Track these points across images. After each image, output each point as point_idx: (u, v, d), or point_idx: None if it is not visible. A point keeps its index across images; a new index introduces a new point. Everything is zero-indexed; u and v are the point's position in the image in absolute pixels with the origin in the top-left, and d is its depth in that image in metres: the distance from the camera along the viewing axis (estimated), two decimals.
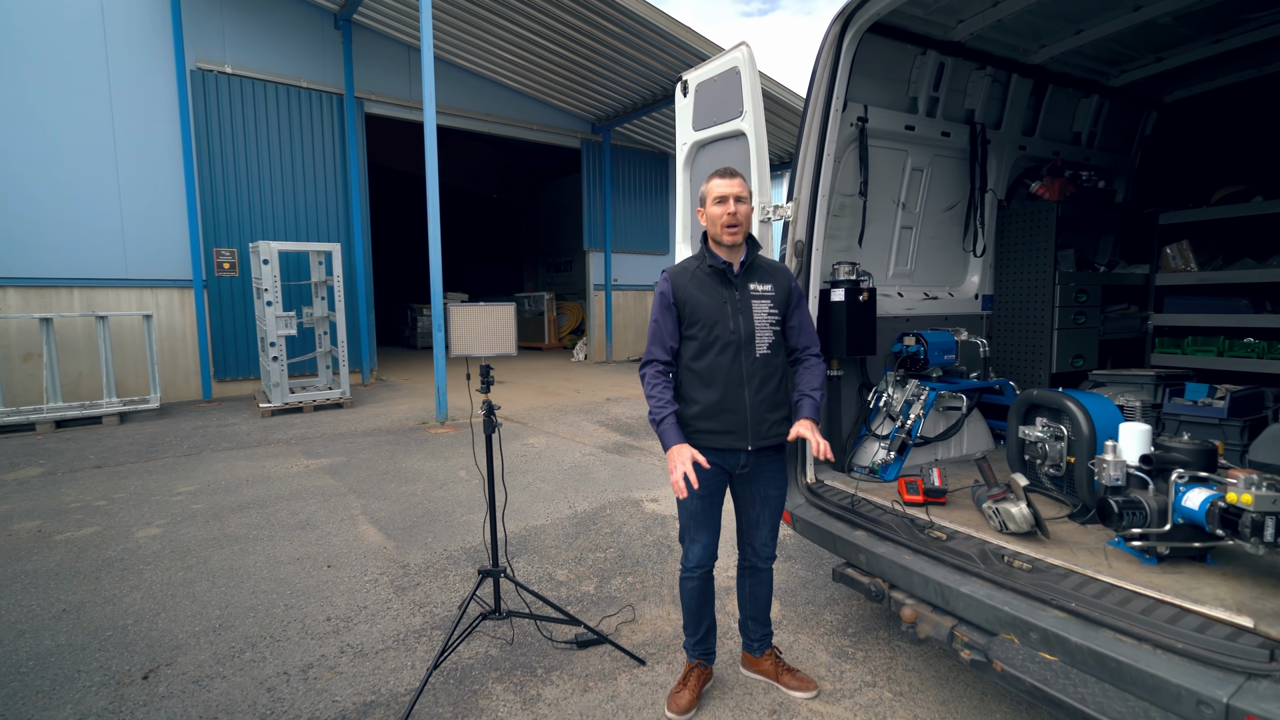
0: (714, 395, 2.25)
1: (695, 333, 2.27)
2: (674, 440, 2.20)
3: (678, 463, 2.18)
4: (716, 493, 2.37)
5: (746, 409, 2.28)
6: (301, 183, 10.04)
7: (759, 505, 2.45)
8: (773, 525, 2.49)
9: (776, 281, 2.38)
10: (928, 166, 3.53)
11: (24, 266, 8.16)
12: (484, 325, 2.54)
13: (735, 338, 2.26)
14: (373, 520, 4.56)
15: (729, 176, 2.28)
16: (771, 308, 2.34)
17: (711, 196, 2.27)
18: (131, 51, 8.68)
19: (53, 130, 8.22)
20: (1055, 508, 2.59)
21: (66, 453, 6.51)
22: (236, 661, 2.80)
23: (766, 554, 2.51)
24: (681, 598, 2.45)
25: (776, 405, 2.35)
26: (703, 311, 2.26)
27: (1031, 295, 3.68)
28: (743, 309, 2.29)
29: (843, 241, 3.35)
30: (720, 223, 2.26)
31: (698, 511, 2.36)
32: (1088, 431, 2.41)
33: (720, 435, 2.28)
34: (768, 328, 2.32)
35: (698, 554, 2.39)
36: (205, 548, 4.06)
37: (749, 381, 2.29)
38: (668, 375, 2.29)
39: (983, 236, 3.72)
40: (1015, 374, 3.79)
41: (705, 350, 2.26)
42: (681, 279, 2.30)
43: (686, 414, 2.28)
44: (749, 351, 2.28)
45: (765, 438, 2.33)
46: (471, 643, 2.91)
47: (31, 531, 4.40)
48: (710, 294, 2.27)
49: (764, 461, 2.39)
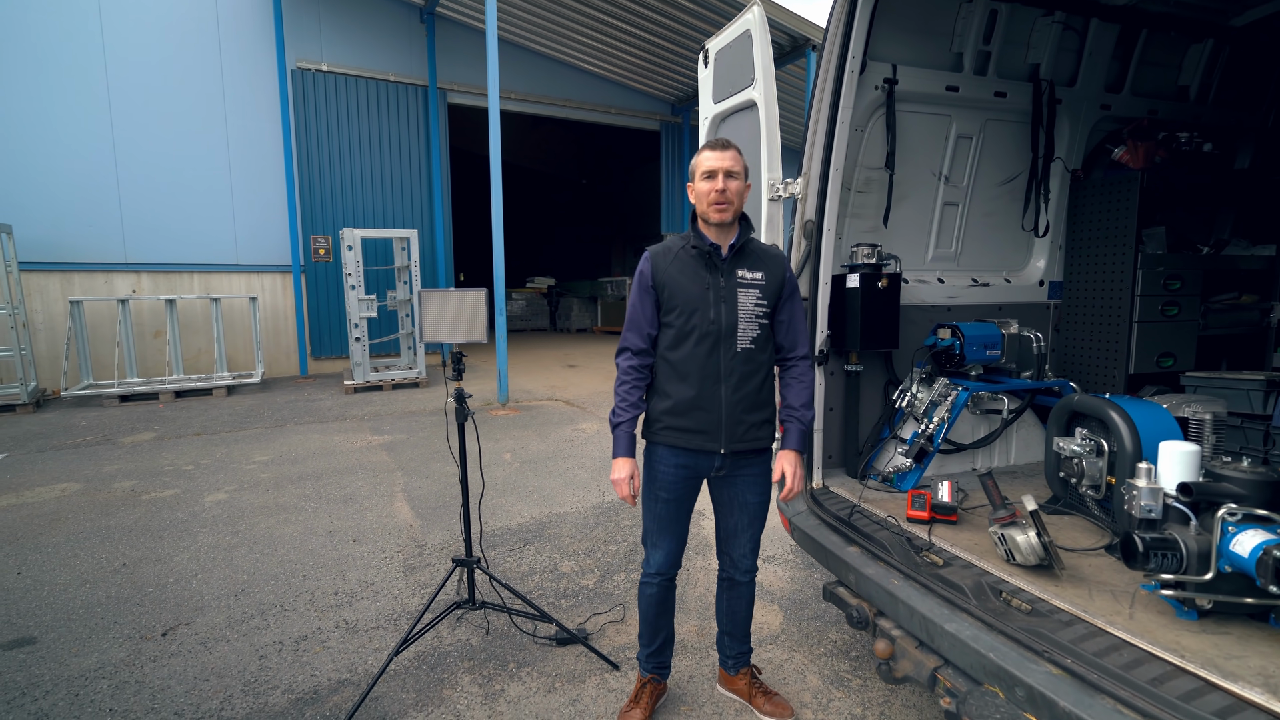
0: (687, 390, 2.06)
1: (672, 320, 2.06)
2: (620, 452, 2.07)
3: (620, 479, 2.07)
4: (684, 498, 2.18)
5: (722, 407, 2.07)
6: (389, 172, 10.58)
7: (737, 512, 2.23)
8: (753, 535, 2.27)
9: (768, 269, 2.13)
10: (978, 133, 3.07)
11: (155, 254, 9.19)
12: (455, 311, 2.49)
13: (715, 328, 2.05)
14: (409, 498, 4.72)
15: (719, 149, 2.05)
16: (760, 298, 2.10)
17: (700, 171, 2.05)
18: (241, 55, 9.47)
19: (177, 131, 9.15)
20: (1093, 534, 2.18)
21: (178, 420, 7.29)
22: (244, 627, 2.97)
23: (745, 566, 2.29)
24: (639, 605, 2.29)
25: (757, 406, 2.12)
26: (681, 297, 2.04)
27: (1107, 282, 3.13)
28: (726, 297, 2.06)
29: (869, 221, 2.99)
30: (708, 200, 2.03)
31: (662, 516, 2.18)
32: (1131, 447, 1.99)
33: (691, 434, 2.08)
34: (753, 320, 2.09)
35: (659, 560, 2.22)
36: (256, 515, 4.37)
37: (727, 378, 2.07)
38: (642, 369, 2.10)
39: (1045, 213, 3.19)
40: (1084, 374, 3.25)
41: (681, 340, 2.06)
42: (663, 259, 2.09)
43: (657, 408, 2.11)
44: (729, 345, 2.07)
45: (741, 441, 2.11)
46: (456, 629, 2.91)
47: (126, 491, 4.93)
48: (692, 278, 2.06)
49: (743, 465, 2.17)
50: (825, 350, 2.83)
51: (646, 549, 2.25)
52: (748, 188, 2.13)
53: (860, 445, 2.93)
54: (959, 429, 2.97)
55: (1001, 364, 2.93)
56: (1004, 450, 3.05)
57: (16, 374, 7.59)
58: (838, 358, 2.94)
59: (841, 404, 2.95)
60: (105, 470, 5.43)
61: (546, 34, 10.87)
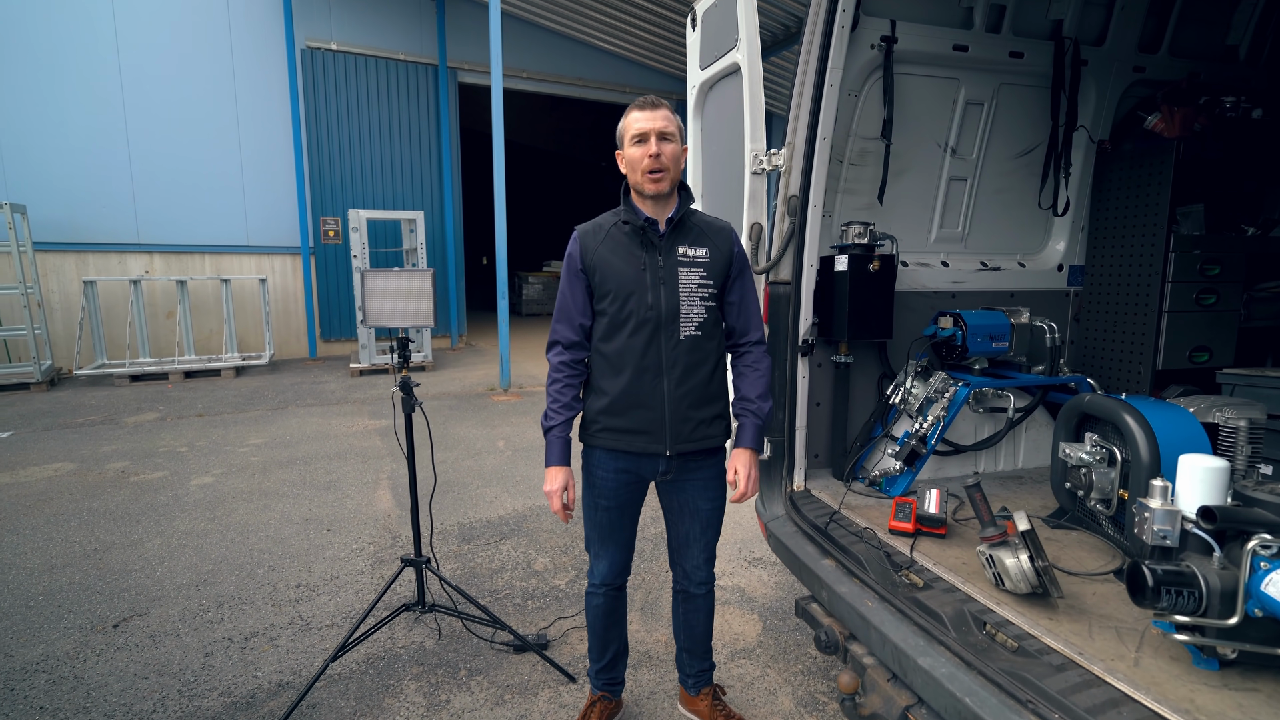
0: (624, 386, 1.83)
1: (605, 307, 1.83)
2: (553, 460, 1.87)
3: (552, 490, 1.86)
4: (628, 504, 1.97)
5: (664, 404, 1.85)
6: (399, 153, 10.44)
7: (687, 519, 2.01)
8: (706, 544, 2.05)
9: (713, 245, 1.89)
10: (991, 99, 2.75)
11: (167, 234, 9.21)
12: (400, 293, 2.29)
13: (653, 314, 1.81)
14: (393, 486, 4.60)
15: (649, 108, 1.79)
16: (704, 277, 1.86)
17: (629, 134, 1.79)
18: (251, 34, 9.37)
19: (188, 112, 9.12)
20: (1101, 555, 1.91)
21: (183, 401, 7.30)
22: (197, 620, 2.86)
23: (700, 578, 2.08)
24: (586, 616, 2.09)
25: (706, 401, 1.89)
26: (615, 280, 1.81)
27: (1134, 266, 2.80)
28: (665, 278, 1.83)
29: (864, 198, 2.71)
30: (641, 168, 1.78)
31: (603, 525, 1.98)
32: (1147, 457, 1.71)
33: (631, 436, 1.87)
34: (698, 303, 1.86)
35: (603, 570, 2.02)
36: (237, 501, 4.29)
37: (669, 370, 1.84)
38: (575, 365, 1.88)
39: (1066, 189, 2.86)
40: (1106, 370, 2.93)
41: (616, 329, 1.83)
42: (592, 238, 1.86)
43: (593, 408, 1.89)
44: (671, 332, 1.83)
45: (688, 441, 1.89)
46: (412, 629, 2.76)
47: (117, 471, 4.90)
48: (625, 258, 1.82)
49: (692, 467, 1.95)
50: (810, 339, 2.57)
51: (591, 555, 2.05)
52: (684, 151, 1.88)
53: (847, 444, 2.67)
54: (960, 428, 2.69)
55: (1010, 357, 2.64)
56: (1010, 453, 2.77)
57: (30, 353, 7.68)
58: (826, 347, 2.68)
59: (830, 399, 2.70)
60: (102, 450, 5.42)
61: (561, 11, 10.56)
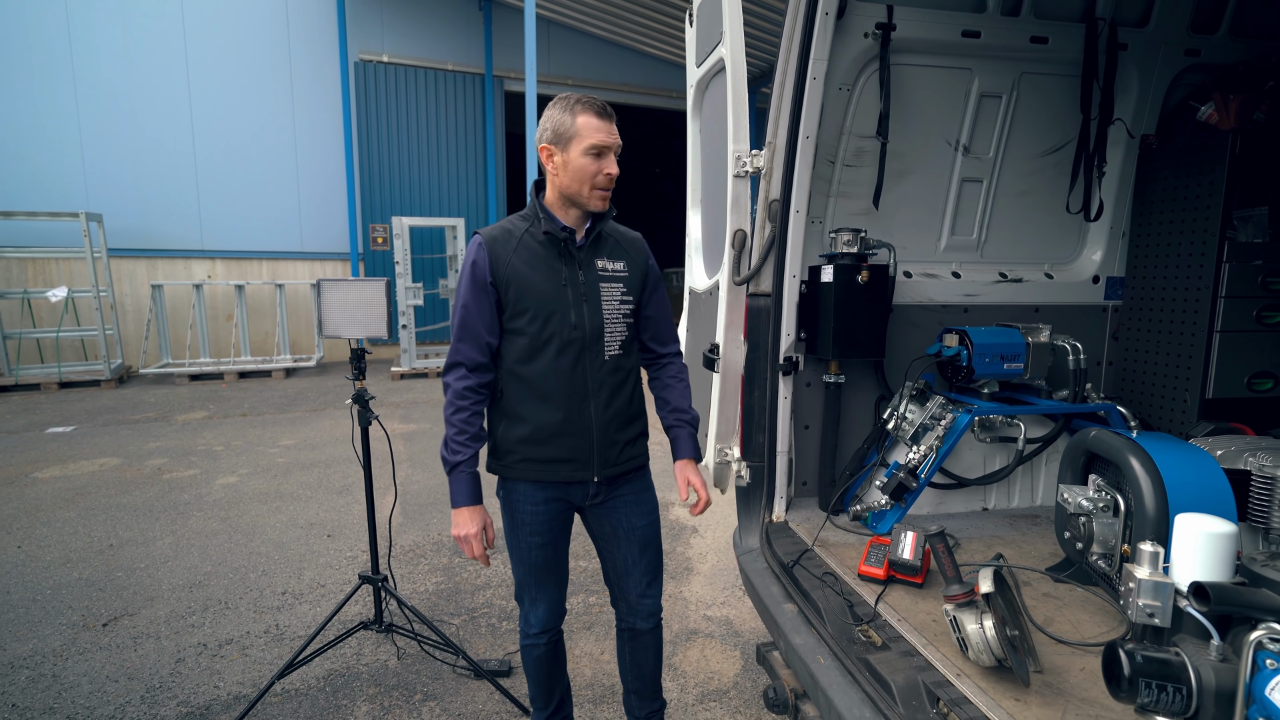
0: (551, 413, 1.68)
1: (523, 325, 1.66)
2: (463, 499, 1.67)
3: (470, 534, 1.68)
4: (560, 535, 1.82)
5: (593, 429, 1.71)
6: (446, 161, 10.67)
7: (623, 542, 1.85)
8: (649, 565, 1.87)
9: (629, 258, 1.77)
10: (1010, 91, 2.46)
11: (228, 241, 9.72)
12: (354, 303, 2.23)
13: (578, 334, 1.67)
14: (404, 493, 4.61)
15: (607, 118, 1.64)
16: (624, 293, 1.74)
17: (583, 142, 1.61)
18: (308, 49, 9.79)
19: (249, 125, 9.61)
20: (1104, 619, 1.62)
21: (232, 400, 7.64)
22: (181, 624, 2.89)
23: (647, 609, 1.89)
24: (526, 668, 1.93)
25: (629, 421, 1.78)
26: (533, 296, 1.65)
27: (1181, 278, 2.43)
28: (587, 295, 1.69)
29: (861, 202, 2.47)
30: (592, 183, 1.63)
31: (537, 564, 1.80)
32: (1152, 509, 1.43)
33: (557, 465, 1.72)
34: (620, 320, 1.73)
35: (542, 616, 1.85)
36: (253, 502, 4.39)
37: (595, 394, 1.71)
38: (481, 390, 1.68)
39: (1099, 191, 2.52)
40: (1146, 397, 2.57)
41: (537, 351, 1.67)
42: (502, 247, 1.65)
43: (511, 437, 1.71)
44: (595, 353, 1.70)
45: (616, 464, 1.75)
46: (380, 648, 2.69)
47: (153, 468, 5.13)
48: (543, 272, 1.66)
49: (620, 487, 1.81)
50: (794, 357, 2.36)
51: (523, 607, 1.87)
52: None
53: (837, 472, 2.43)
54: (967, 458, 2.41)
55: (1025, 379, 2.34)
56: (1026, 488, 2.46)
57: (101, 352, 8.23)
58: (816, 365, 2.46)
59: (820, 422, 2.47)
60: (147, 447, 5.71)
61: (605, 16, 10.54)
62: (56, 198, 8.65)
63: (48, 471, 5.00)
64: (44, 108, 8.63)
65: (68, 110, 8.76)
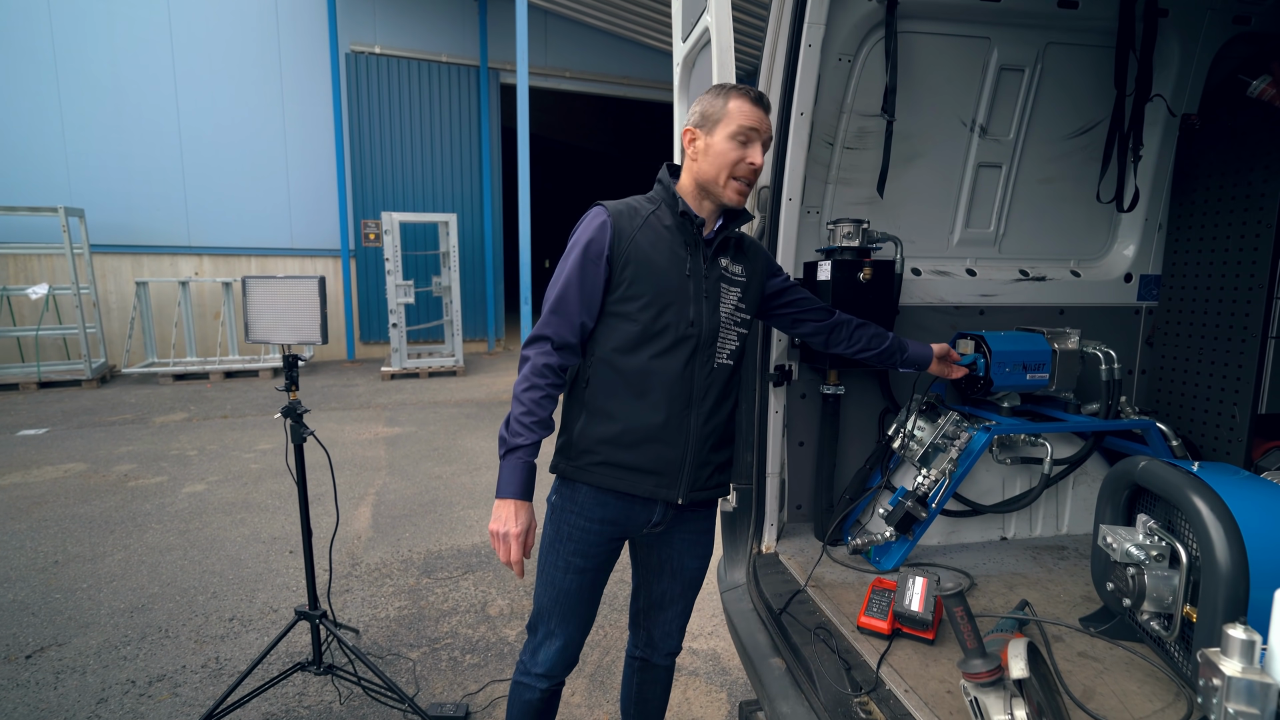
0: (650, 414, 1.42)
1: (633, 311, 1.41)
2: (513, 490, 1.38)
3: (510, 533, 1.38)
4: (605, 565, 1.54)
5: (688, 441, 1.46)
6: (440, 155, 10.40)
7: (667, 578, 1.62)
8: (684, 609, 1.67)
9: (750, 265, 1.56)
10: (1034, 63, 2.16)
11: (216, 237, 9.49)
12: (285, 304, 1.96)
13: (695, 331, 1.44)
14: (378, 503, 4.35)
15: (763, 107, 1.44)
16: (741, 300, 1.52)
17: (729, 124, 1.39)
18: (298, 40, 9.53)
19: (238, 118, 9.36)
20: (1161, 691, 1.33)
21: (215, 401, 7.40)
22: (112, 656, 2.63)
23: (668, 648, 1.69)
24: (510, 712, 1.63)
25: (724, 442, 1.55)
26: (652, 280, 1.41)
27: (1229, 276, 2.13)
28: (709, 292, 1.46)
29: (865, 189, 2.18)
30: (733, 171, 1.41)
31: (571, 592, 1.51)
32: (1227, 565, 1.14)
33: (640, 476, 1.45)
34: (734, 327, 1.51)
35: (553, 656, 1.54)
36: (217, 513, 4.14)
37: (700, 402, 1.46)
38: (561, 373, 1.44)
39: (1135, 178, 2.22)
40: (1187, 411, 2.27)
41: (646, 341, 1.42)
42: (627, 222, 1.43)
43: (592, 434, 1.44)
44: (707, 356, 1.46)
45: (703, 488, 1.52)
46: (325, 687, 2.42)
47: (120, 475, 4.88)
48: (668, 257, 1.43)
49: (687, 519, 1.57)
50: (786, 365, 2.07)
51: (533, 638, 1.57)
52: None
53: (835, 497, 2.15)
54: (984, 481, 2.12)
55: (1050, 391, 2.05)
56: (1052, 513, 2.16)
57: (82, 351, 8.00)
58: (813, 375, 2.17)
59: (816, 438, 2.18)
60: (118, 451, 5.46)
61: (605, 8, 10.25)
62: (38, 191, 8.42)
63: (9, 478, 4.76)
64: (25, 98, 8.40)
65: (50, 102, 8.53)
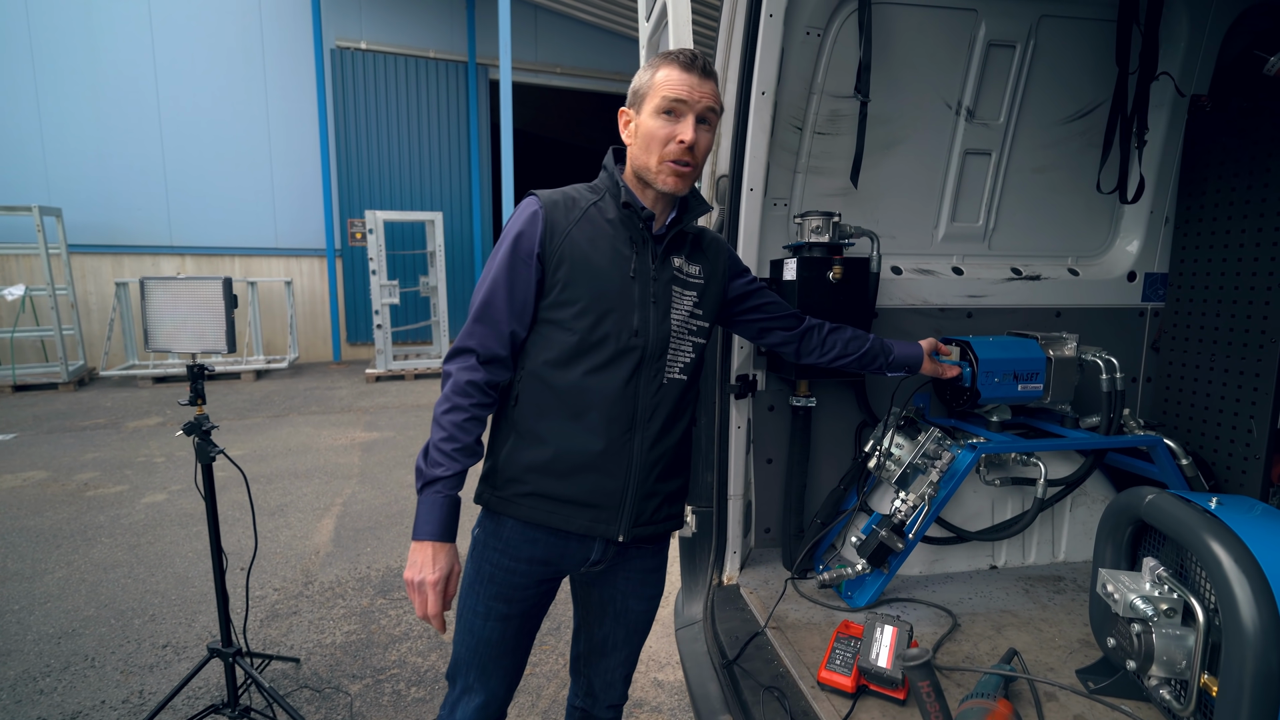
0: (586, 440, 1.21)
1: (568, 319, 1.20)
2: (431, 531, 1.16)
3: (427, 581, 1.16)
4: (533, 612, 1.32)
5: (630, 470, 1.24)
6: (428, 153, 10.20)
7: (609, 622, 1.40)
8: (629, 656, 1.44)
9: (710, 264, 1.33)
10: (1026, 39, 1.95)
11: (199, 236, 9.30)
12: (185, 308, 1.76)
13: (640, 342, 1.22)
14: (343, 514, 4.16)
15: (698, 73, 1.18)
16: (696, 306, 1.30)
17: (655, 97, 1.18)
18: (281, 36, 9.34)
19: (220, 115, 9.17)
20: None
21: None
22: (27, 690, 2.43)
23: (610, 699, 1.46)
24: None
25: (675, 470, 1.32)
26: (590, 282, 1.20)
27: (1242, 275, 1.92)
28: (658, 297, 1.24)
29: (837, 179, 1.97)
30: (662, 152, 1.18)
31: (492, 641, 1.29)
32: (1254, 629, 0.93)
33: (572, 509, 1.23)
34: (687, 338, 1.29)
35: (469, 716, 1.32)
36: (172, 525, 3.95)
37: (645, 424, 1.24)
38: (490, 391, 1.21)
39: (1139, 166, 2.01)
40: (1196, 424, 2.05)
41: (583, 353, 1.21)
42: (563, 214, 1.22)
43: (520, 460, 1.23)
44: (653, 371, 1.24)
45: (649, 522, 1.29)
46: None
47: (80, 484, 4.69)
48: (609, 256, 1.22)
49: (632, 557, 1.34)
50: (750, 375, 1.86)
51: (452, 691, 1.35)
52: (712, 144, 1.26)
53: (806, 520, 1.93)
54: (971, 503, 1.91)
55: (1045, 404, 1.83)
56: (1047, 539, 1.95)
57: (59, 353, 7.82)
58: (782, 385, 1.96)
59: (785, 455, 1.97)
60: (84, 458, 5.28)
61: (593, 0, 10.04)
62: (15, 190, 8.23)
63: None
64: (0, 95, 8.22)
65: (27, 98, 8.34)
